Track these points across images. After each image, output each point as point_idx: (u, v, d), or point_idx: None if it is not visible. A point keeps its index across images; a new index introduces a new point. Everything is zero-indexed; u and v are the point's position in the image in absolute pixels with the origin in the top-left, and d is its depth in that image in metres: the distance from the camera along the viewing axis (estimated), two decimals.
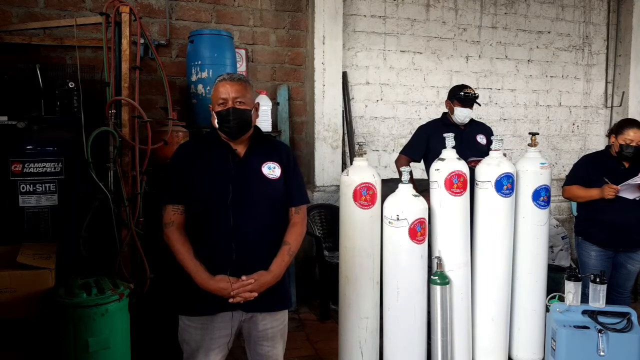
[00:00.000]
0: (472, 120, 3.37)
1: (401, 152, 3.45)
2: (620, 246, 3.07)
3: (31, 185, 2.66)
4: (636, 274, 3.18)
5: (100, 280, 2.23)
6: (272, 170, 1.92)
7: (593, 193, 3.03)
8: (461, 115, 3.26)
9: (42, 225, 2.68)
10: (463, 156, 2.85)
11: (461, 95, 3.24)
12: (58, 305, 2.03)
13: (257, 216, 1.86)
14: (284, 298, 1.99)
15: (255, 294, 1.82)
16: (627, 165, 3.03)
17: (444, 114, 3.42)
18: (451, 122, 3.32)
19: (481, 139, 3.31)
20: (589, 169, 3.14)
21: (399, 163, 3.34)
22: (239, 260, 1.83)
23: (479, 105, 3.41)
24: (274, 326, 1.95)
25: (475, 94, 3.27)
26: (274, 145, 2.06)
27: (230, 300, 1.80)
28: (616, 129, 3.08)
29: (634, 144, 2.96)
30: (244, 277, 1.81)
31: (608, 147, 3.18)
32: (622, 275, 3.13)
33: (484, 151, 3.10)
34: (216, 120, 1.89)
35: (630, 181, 2.91)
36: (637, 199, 2.96)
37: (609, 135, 3.17)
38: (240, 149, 1.93)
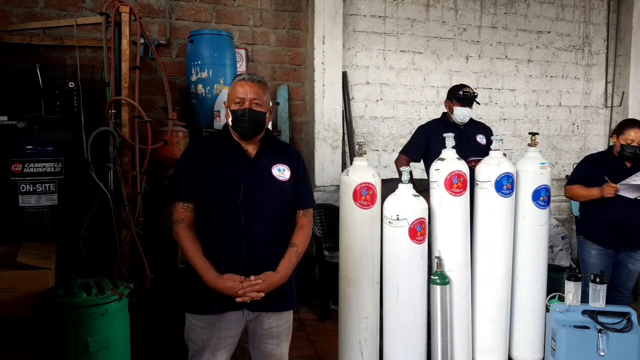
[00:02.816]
0: (471, 120, 3.37)
1: (401, 152, 3.45)
2: (621, 245, 3.08)
3: (31, 185, 2.66)
4: (637, 274, 3.19)
5: (100, 280, 2.22)
6: (281, 172, 1.93)
7: (594, 192, 3.04)
8: (461, 114, 3.26)
9: (42, 225, 2.68)
10: (463, 156, 2.85)
11: (460, 95, 3.24)
12: (58, 305, 2.03)
13: (266, 217, 1.87)
14: (289, 298, 2.00)
15: (262, 294, 1.82)
16: (629, 165, 3.05)
17: (444, 114, 3.42)
18: (451, 122, 3.31)
19: (481, 138, 3.31)
20: (591, 169, 3.16)
21: (398, 163, 3.34)
22: (250, 258, 1.84)
23: (478, 104, 3.41)
24: (280, 325, 1.97)
25: (474, 93, 3.27)
26: (284, 148, 2.08)
27: (238, 299, 1.81)
28: (617, 129, 3.10)
29: (634, 143, 2.97)
30: (252, 277, 1.82)
31: (611, 147, 3.19)
32: (623, 275, 3.14)
33: (484, 151, 3.10)
34: (230, 118, 1.90)
35: (629, 180, 2.92)
36: (638, 198, 2.97)
37: (612, 136, 3.19)
38: (251, 150, 1.94)
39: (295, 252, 1.91)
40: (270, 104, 2.01)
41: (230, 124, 1.91)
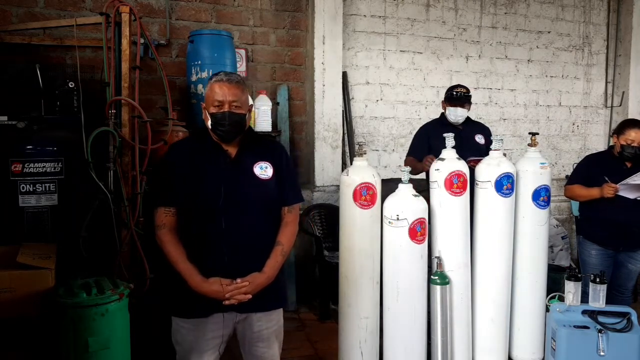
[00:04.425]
0: (470, 120, 3.36)
1: (407, 155, 3.42)
2: (621, 245, 3.08)
3: (31, 185, 2.66)
4: (637, 274, 3.19)
5: (100, 280, 2.22)
6: (264, 170, 1.90)
7: (594, 192, 3.04)
8: (453, 114, 3.26)
9: (42, 225, 2.68)
10: (462, 156, 2.84)
11: (451, 95, 3.25)
12: (58, 305, 2.03)
13: (250, 217, 1.86)
14: (278, 297, 1.99)
15: (250, 296, 1.82)
16: (629, 165, 3.05)
17: (442, 114, 3.42)
18: (448, 122, 3.31)
19: (480, 138, 3.31)
20: (592, 169, 3.16)
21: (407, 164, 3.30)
22: (231, 262, 1.82)
23: (470, 103, 3.33)
24: (269, 327, 1.95)
25: (466, 92, 3.25)
26: (266, 144, 2.04)
27: (225, 302, 1.80)
28: (618, 129, 3.10)
29: (635, 144, 2.97)
30: (238, 280, 1.81)
31: (611, 147, 3.19)
32: (622, 275, 3.14)
33: (483, 151, 3.11)
34: (209, 122, 1.88)
35: (629, 180, 2.92)
36: (638, 198, 2.97)
37: (612, 136, 3.19)
38: (232, 150, 1.91)
39: (281, 251, 1.90)
40: (250, 102, 1.98)
41: (210, 127, 1.88)
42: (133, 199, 2.84)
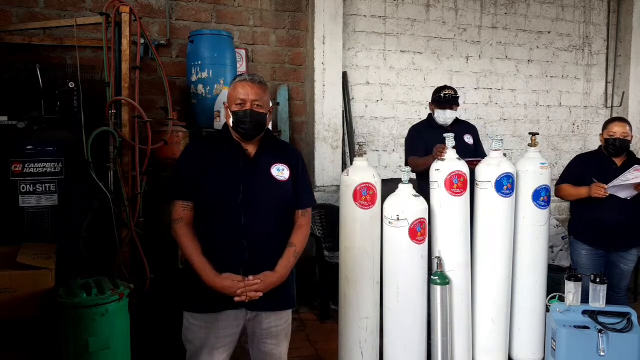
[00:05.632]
0: (457, 120, 3.33)
1: (408, 156, 3.34)
2: (611, 246, 3.06)
3: (31, 185, 2.66)
4: (630, 273, 3.18)
5: (100, 280, 2.23)
6: (280, 171, 1.93)
7: (582, 191, 3.04)
8: (441, 117, 3.23)
9: (42, 225, 2.68)
10: None
11: (437, 98, 3.22)
12: (58, 305, 2.03)
13: (265, 216, 1.88)
14: (288, 298, 2.01)
15: (261, 294, 1.83)
16: (619, 163, 3.04)
17: (429, 115, 3.39)
18: (437, 123, 3.28)
19: (468, 138, 3.29)
20: (582, 168, 3.16)
21: (413, 163, 3.27)
22: (251, 258, 1.85)
23: (458, 104, 3.28)
24: (278, 324, 1.97)
25: (453, 94, 3.22)
26: (284, 147, 2.09)
27: (236, 298, 1.81)
28: (603, 127, 3.14)
29: (616, 135, 2.99)
30: (250, 277, 1.82)
31: (601, 146, 3.19)
32: (615, 275, 3.12)
33: (472, 151, 3.10)
34: (231, 119, 1.90)
35: (617, 181, 2.90)
36: (629, 198, 2.96)
37: (599, 135, 3.21)
38: (251, 149, 1.94)
39: (294, 252, 1.92)
40: (270, 104, 2.01)
41: (231, 124, 1.91)
42: (133, 199, 2.85)
